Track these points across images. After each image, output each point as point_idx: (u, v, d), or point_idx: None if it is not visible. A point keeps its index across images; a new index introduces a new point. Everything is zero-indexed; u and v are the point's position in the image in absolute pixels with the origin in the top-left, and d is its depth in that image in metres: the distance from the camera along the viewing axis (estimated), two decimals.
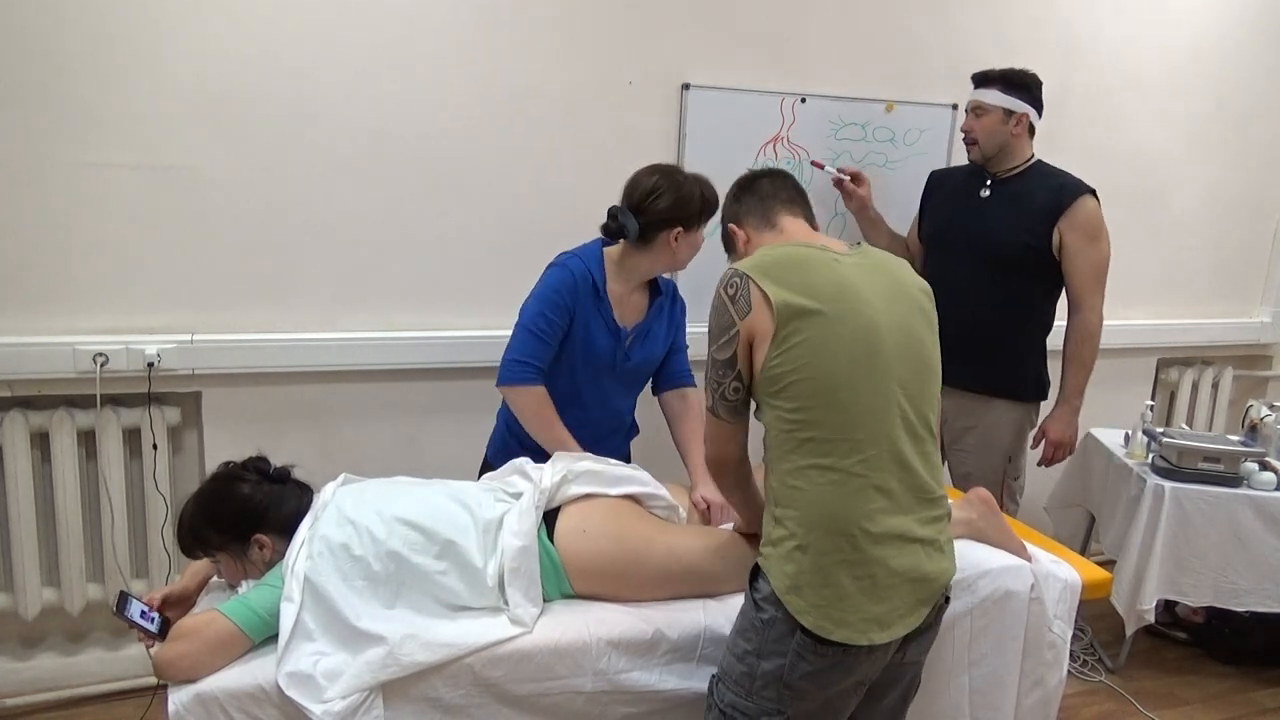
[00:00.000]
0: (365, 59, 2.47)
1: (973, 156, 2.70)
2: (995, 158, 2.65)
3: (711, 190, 2.16)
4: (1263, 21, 3.61)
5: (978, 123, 2.64)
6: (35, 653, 2.54)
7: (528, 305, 2.16)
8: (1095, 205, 2.60)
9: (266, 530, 1.75)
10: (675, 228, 2.13)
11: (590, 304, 2.16)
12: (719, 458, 1.67)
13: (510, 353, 2.14)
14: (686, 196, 2.13)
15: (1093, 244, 2.60)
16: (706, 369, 1.62)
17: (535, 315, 2.13)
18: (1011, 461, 2.73)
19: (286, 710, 1.53)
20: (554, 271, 2.18)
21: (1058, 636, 1.99)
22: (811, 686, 1.52)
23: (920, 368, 1.59)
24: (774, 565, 1.54)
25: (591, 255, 2.20)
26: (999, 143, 2.63)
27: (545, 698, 1.66)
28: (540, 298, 2.15)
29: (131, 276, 2.39)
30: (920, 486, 1.56)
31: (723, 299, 1.57)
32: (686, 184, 2.14)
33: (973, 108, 2.66)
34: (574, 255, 2.20)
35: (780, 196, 1.75)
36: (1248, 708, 2.85)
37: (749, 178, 1.81)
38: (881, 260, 1.66)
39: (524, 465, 1.94)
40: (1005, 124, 2.61)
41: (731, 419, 1.61)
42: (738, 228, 1.78)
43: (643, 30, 2.73)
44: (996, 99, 2.60)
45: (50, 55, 2.22)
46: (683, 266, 2.25)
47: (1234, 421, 3.89)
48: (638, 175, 2.17)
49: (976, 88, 2.65)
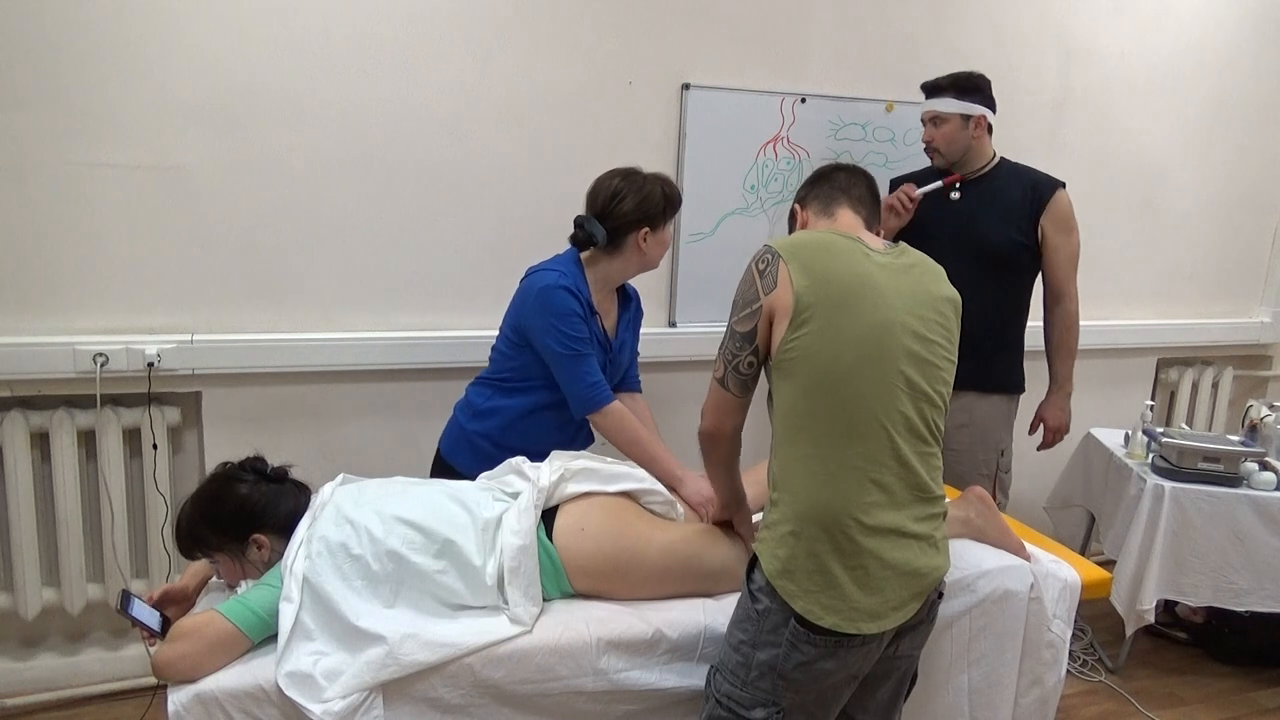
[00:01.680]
0: (365, 59, 2.47)
1: (937, 164, 2.73)
2: (960, 162, 2.68)
3: (673, 187, 2.18)
4: (1263, 22, 3.61)
5: (938, 132, 2.65)
6: (35, 653, 2.54)
7: (556, 338, 2.07)
8: (1068, 198, 2.68)
9: (264, 530, 1.75)
10: (643, 228, 2.14)
11: (589, 318, 2.15)
12: (715, 430, 1.67)
13: (580, 382, 2.09)
14: (650, 195, 2.13)
15: (1069, 236, 2.69)
16: (724, 340, 1.63)
17: (571, 335, 2.07)
18: (1003, 455, 2.78)
19: (286, 710, 1.53)
20: (556, 294, 2.09)
21: (1057, 636, 1.99)
22: (805, 677, 1.53)
23: (930, 372, 1.59)
24: (767, 549, 1.56)
25: (574, 272, 2.14)
26: (961, 148, 2.66)
27: (545, 697, 1.66)
28: (565, 316, 2.07)
29: (131, 276, 2.39)
30: (918, 485, 1.57)
31: (753, 273, 1.59)
32: (648, 184, 2.14)
33: (930, 118, 2.67)
34: (560, 274, 2.12)
35: (851, 193, 1.78)
36: (1248, 708, 2.85)
37: (830, 168, 1.83)
38: (914, 264, 1.66)
39: (521, 465, 1.94)
40: (965, 129, 2.63)
41: (739, 393, 1.62)
42: (801, 209, 1.82)
43: (643, 30, 2.73)
44: (951, 106, 2.62)
45: (50, 56, 2.22)
46: (655, 266, 2.25)
47: (1234, 421, 3.89)
48: (599, 181, 2.17)
49: (929, 97, 2.66)
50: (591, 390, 2.10)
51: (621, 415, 2.11)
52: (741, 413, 1.65)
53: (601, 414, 2.11)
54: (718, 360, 1.64)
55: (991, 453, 2.76)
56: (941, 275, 1.70)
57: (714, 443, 1.70)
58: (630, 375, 2.39)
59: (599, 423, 2.14)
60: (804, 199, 1.83)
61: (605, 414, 2.11)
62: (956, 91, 2.62)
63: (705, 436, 1.70)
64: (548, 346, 2.09)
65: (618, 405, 2.12)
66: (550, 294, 2.09)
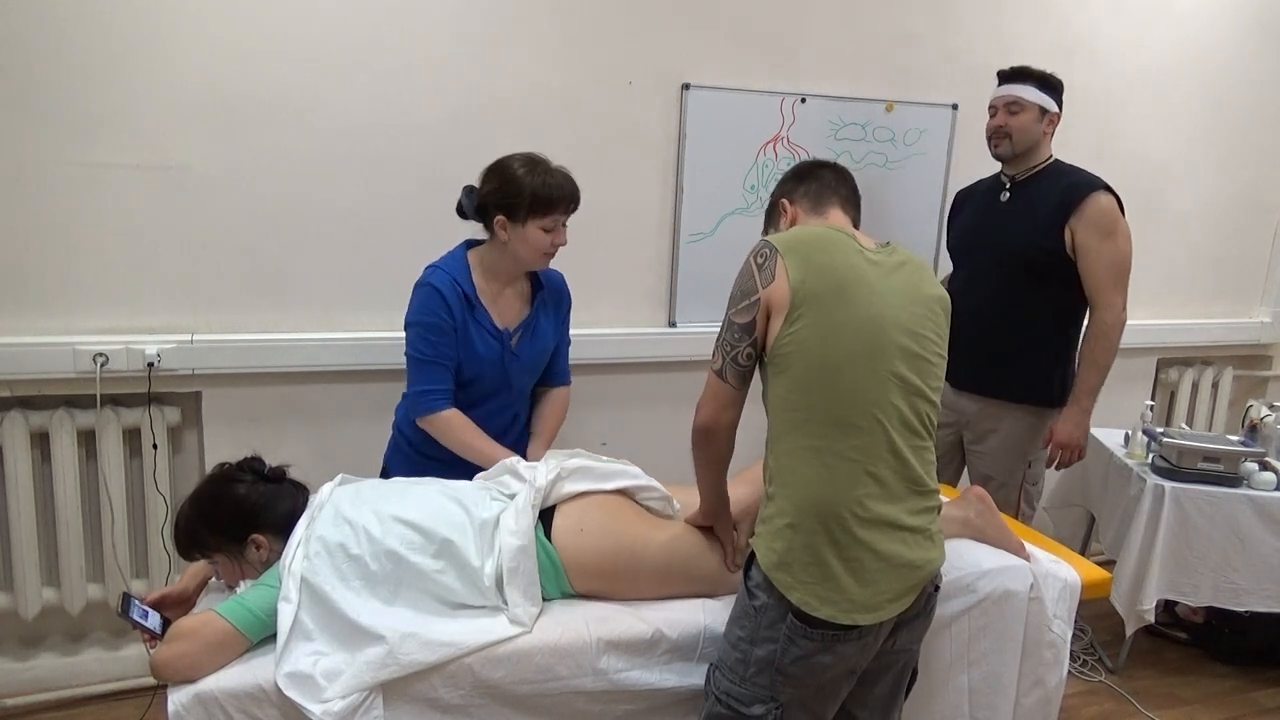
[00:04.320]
0: (365, 59, 2.47)
1: (1001, 152, 2.63)
2: (1020, 156, 2.61)
3: (555, 190, 2.04)
4: (1263, 22, 3.61)
5: (1013, 119, 2.57)
6: (35, 653, 2.54)
7: (406, 336, 2.11)
8: (1108, 201, 2.52)
9: (263, 530, 1.75)
10: (499, 215, 2.05)
11: (465, 313, 2.10)
12: (712, 423, 1.65)
13: (411, 386, 2.11)
14: (514, 184, 2.03)
15: (1106, 240, 2.51)
16: (721, 333, 1.63)
17: (416, 342, 2.09)
18: (1031, 466, 2.70)
19: (286, 710, 1.53)
20: (418, 293, 2.10)
21: (1057, 636, 1.98)
22: (802, 672, 1.54)
23: (922, 368, 1.60)
24: (764, 543, 1.56)
25: (455, 263, 2.12)
26: (1032, 140, 2.58)
27: (545, 698, 1.66)
28: (414, 324, 2.09)
29: (131, 276, 2.39)
30: (913, 478, 1.58)
31: (751, 266, 1.60)
32: (528, 175, 2.04)
33: (1007, 103, 2.58)
34: (437, 268, 2.12)
35: (840, 192, 1.80)
36: (1248, 708, 2.85)
37: (815, 164, 1.84)
38: (904, 261, 1.67)
39: (516, 465, 1.93)
40: (1039, 122, 2.57)
41: (738, 385, 1.62)
42: (789, 204, 1.82)
43: (643, 30, 2.73)
44: (1035, 96, 2.55)
45: (50, 56, 2.22)
46: (531, 263, 2.13)
47: (1234, 421, 3.89)
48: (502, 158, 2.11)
49: (1008, 82, 2.58)
50: (415, 400, 2.11)
51: (447, 422, 2.09)
52: (738, 407, 1.65)
53: (425, 421, 2.11)
54: (715, 353, 1.64)
55: (1017, 462, 2.68)
56: (930, 274, 1.71)
57: (709, 438, 1.67)
58: (557, 369, 2.32)
59: (428, 429, 2.12)
60: (793, 194, 1.83)
61: (428, 422, 2.11)
62: (1040, 83, 2.56)
63: (701, 431, 1.68)
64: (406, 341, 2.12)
65: (441, 417, 2.09)
66: (414, 294, 2.11)
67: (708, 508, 1.79)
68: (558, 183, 2.07)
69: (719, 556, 1.83)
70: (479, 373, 2.15)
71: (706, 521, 1.82)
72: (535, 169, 2.06)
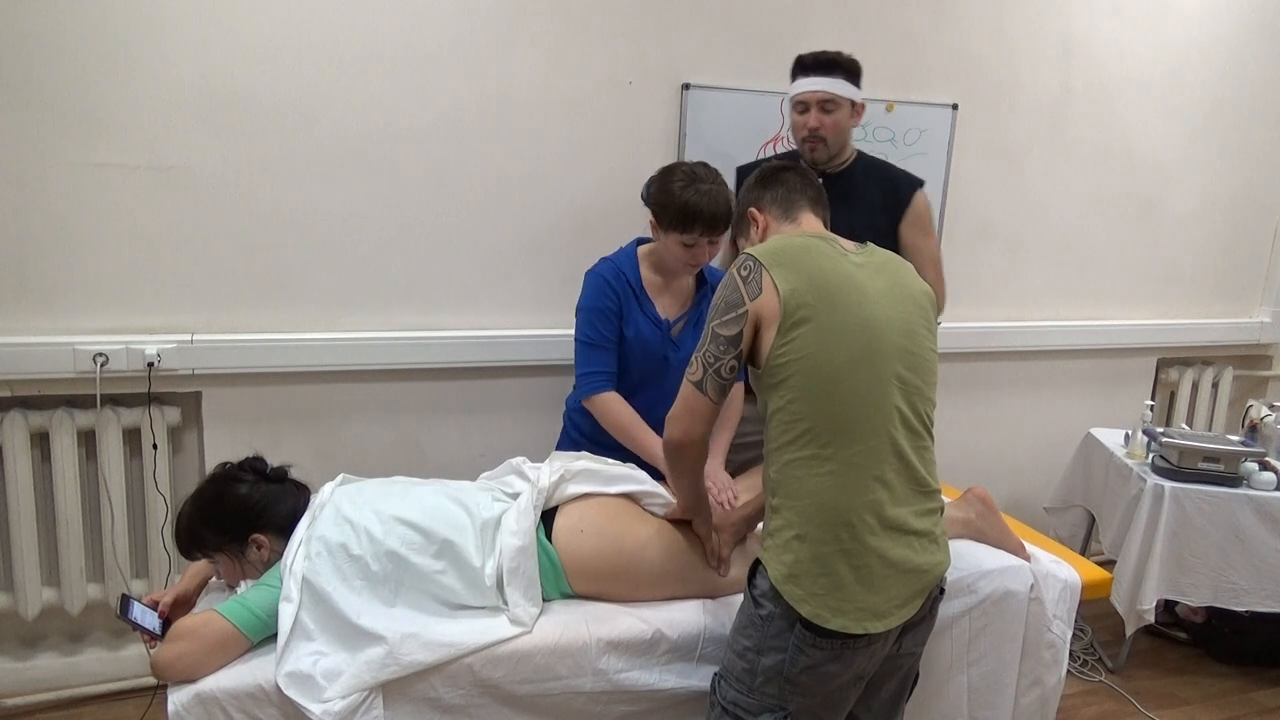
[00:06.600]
0: (365, 59, 2.47)
1: (817, 158, 2.37)
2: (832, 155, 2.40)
3: (695, 211, 2.05)
4: (1263, 22, 3.61)
5: (829, 119, 2.28)
6: (35, 653, 2.54)
7: (576, 321, 2.22)
8: (925, 198, 2.43)
9: (264, 530, 1.75)
10: (652, 216, 2.16)
11: (630, 301, 2.20)
12: (687, 438, 1.63)
13: (578, 370, 2.20)
14: (665, 192, 2.11)
15: (928, 238, 2.45)
16: (703, 344, 1.61)
17: (583, 326, 2.20)
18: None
19: (286, 710, 1.53)
20: (586, 280, 2.23)
21: (1057, 636, 1.99)
22: (812, 680, 1.53)
23: (919, 366, 1.60)
24: (772, 556, 1.55)
25: (625, 254, 2.25)
26: (845, 139, 2.37)
27: (545, 698, 1.66)
28: (582, 309, 2.21)
29: (131, 276, 2.39)
30: (917, 479, 1.58)
31: (735, 279, 1.59)
32: (675, 184, 2.09)
33: (820, 101, 2.27)
34: (606, 259, 2.26)
35: (807, 194, 1.78)
36: (1248, 708, 2.84)
37: (775, 169, 1.81)
38: (886, 260, 1.68)
39: (521, 465, 1.94)
40: (851, 117, 2.33)
41: (717, 398, 1.61)
42: (759, 212, 1.79)
43: (643, 30, 2.73)
44: (846, 89, 2.27)
45: (51, 56, 2.22)
46: (680, 267, 2.19)
47: (1234, 421, 3.89)
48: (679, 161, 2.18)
49: (815, 74, 2.26)
50: (580, 382, 2.19)
51: (606, 404, 2.15)
52: (712, 421, 1.63)
53: (588, 402, 2.18)
54: (694, 365, 1.61)
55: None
56: (911, 270, 1.71)
57: (682, 453, 1.66)
58: None
59: (590, 409, 2.19)
60: (760, 201, 1.79)
61: (592, 402, 2.17)
62: (847, 74, 2.29)
63: (674, 446, 1.65)
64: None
65: (606, 395, 2.16)
66: (585, 280, 2.22)
67: (685, 504, 1.81)
68: (701, 204, 2.06)
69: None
70: (639, 358, 2.22)
71: (686, 516, 1.83)
72: (691, 183, 2.08)
